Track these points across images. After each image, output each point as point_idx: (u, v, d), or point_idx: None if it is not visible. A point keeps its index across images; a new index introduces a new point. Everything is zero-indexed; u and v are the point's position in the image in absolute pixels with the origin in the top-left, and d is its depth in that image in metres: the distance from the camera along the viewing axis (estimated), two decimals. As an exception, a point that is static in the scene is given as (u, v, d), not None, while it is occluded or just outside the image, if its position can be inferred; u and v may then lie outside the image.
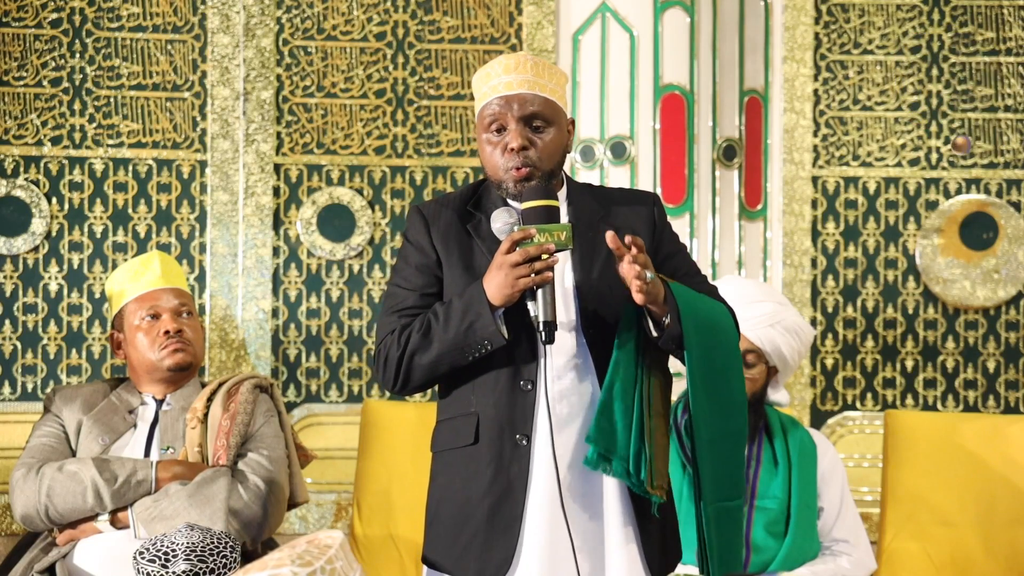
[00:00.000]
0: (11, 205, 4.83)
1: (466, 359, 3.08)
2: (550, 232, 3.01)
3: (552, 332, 3.01)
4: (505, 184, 3.14)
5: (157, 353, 4.05)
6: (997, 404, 5.10)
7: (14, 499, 3.91)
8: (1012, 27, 5.11)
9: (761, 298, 4.24)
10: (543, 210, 3.04)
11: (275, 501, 3.89)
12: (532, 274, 2.99)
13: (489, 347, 3.06)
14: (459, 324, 3.05)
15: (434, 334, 3.08)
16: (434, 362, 3.10)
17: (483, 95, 3.16)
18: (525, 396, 3.09)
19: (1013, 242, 5.10)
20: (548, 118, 3.14)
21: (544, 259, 3.00)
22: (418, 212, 3.23)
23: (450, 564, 3.13)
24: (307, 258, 4.94)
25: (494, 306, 3.03)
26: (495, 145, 3.14)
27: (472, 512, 3.10)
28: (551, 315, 3.00)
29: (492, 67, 3.16)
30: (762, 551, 4.08)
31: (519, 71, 3.13)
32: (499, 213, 3.11)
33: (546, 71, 3.16)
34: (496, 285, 3.02)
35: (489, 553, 3.07)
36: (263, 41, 4.90)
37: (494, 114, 3.13)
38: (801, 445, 4.18)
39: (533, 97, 3.13)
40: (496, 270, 3.02)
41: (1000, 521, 4.48)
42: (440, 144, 4.98)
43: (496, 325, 3.03)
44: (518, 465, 3.08)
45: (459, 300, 3.07)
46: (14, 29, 4.84)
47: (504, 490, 3.08)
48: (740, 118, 5.02)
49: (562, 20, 5.00)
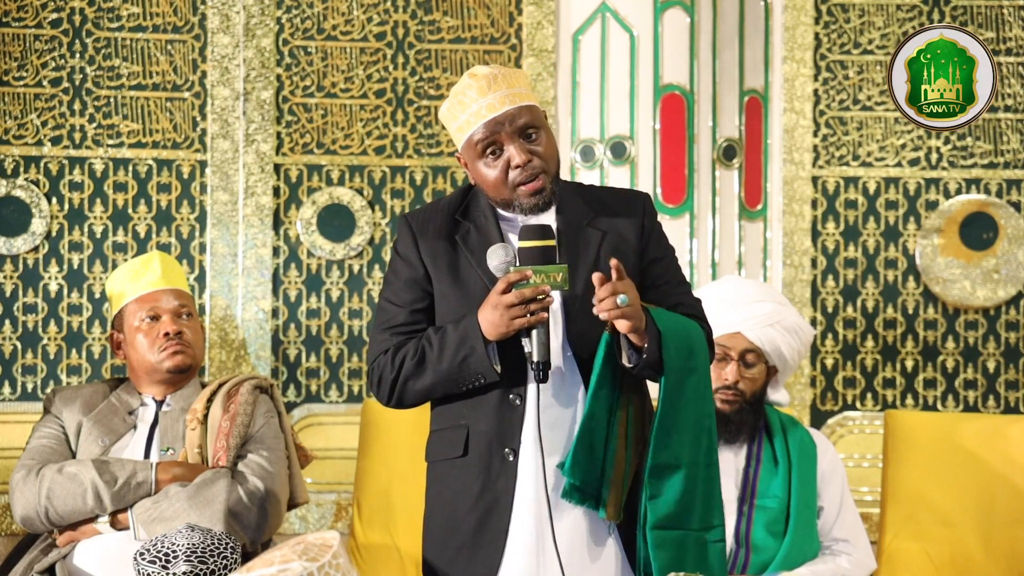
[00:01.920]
0: (11, 205, 4.83)
1: (459, 389, 3.12)
2: (546, 273, 3.02)
3: (546, 371, 3.03)
4: (517, 200, 3.14)
5: (157, 355, 4.04)
6: (997, 404, 5.10)
7: (14, 501, 3.91)
8: (1012, 27, 5.11)
9: (761, 298, 4.24)
10: (539, 251, 3.05)
11: (275, 502, 3.89)
12: (527, 315, 3.01)
13: (483, 380, 3.09)
14: (453, 356, 3.08)
15: (428, 363, 3.11)
16: (428, 389, 3.15)
17: (465, 124, 3.14)
18: (514, 410, 3.10)
19: (1013, 242, 5.10)
20: (536, 123, 3.15)
21: (540, 300, 3.01)
22: (406, 223, 3.23)
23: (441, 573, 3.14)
24: (307, 258, 4.94)
25: (488, 340, 3.05)
26: (495, 167, 3.13)
27: (460, 524, 3.12)
28: (545, 355, 3.03)
29: (464, 94, 3.14)
30: (762, 551, 4.08)
31: (494, 89, 3.12)
32: (495, 250, 3.10)
33: (514, 78, 3.16)
34: (491, 323, 3.04)
35: (474, 565, 3.10)
36: (263, 41, 4.90)
37: (485, 138, 3.12)
38: (801, 445, 4.18)
39: (518, 110, 3.13)
40: (491, 308, 3.03)
41: (1000, 521, 4.48)
42: (440, 144, 4.98)
43: (490, 361, 3.06)
44: (505, 479, 3.09)
45: (454, 331, 3.09)
46: (14, 29, 4.84)
47: (490, 504, 3.10)
48: (740, 118, 5.02)
49: (562, 20, 5.00)
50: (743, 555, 4.07)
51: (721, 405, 4.11)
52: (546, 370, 3.03)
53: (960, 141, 5.11)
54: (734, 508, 4.10)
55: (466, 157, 3.17)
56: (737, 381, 4.13)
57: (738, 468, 4.15)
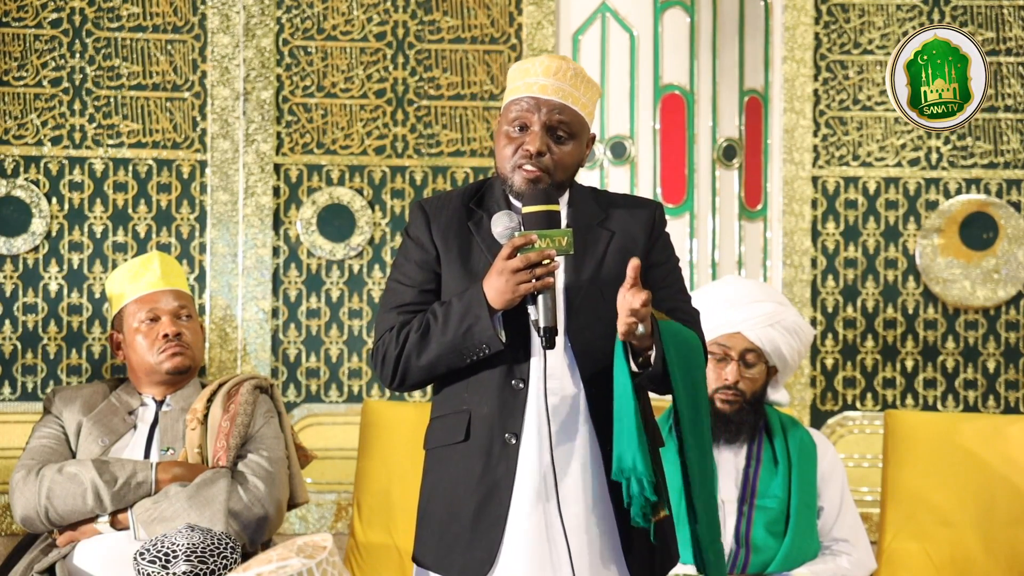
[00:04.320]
0: (11, 205, 4.83)
1: (464, 361, 3.09)
2: (551, 237, 3.02)
3: (553, 337, 3.01)
4: (511, 180, 3.14)
5: (156, 356, 4.05)
6: (997, 404, 5.10)
7: (14, 501, 3.92)
8: (1012, 27, 5.11)
9: (761, 298, 4.24)
10: (544, 215, 3.05)
11: (275, 502, 3.90)
12: (533, 280, 3.00)
13: (487, 351, 3.06)
14: (457, 327, 3.06)
15: (432, 335, 3.09)
16: (432, 363, 3.11)
17: (516, 89, 3.16)
18: (516, 395, 3.09)
19: (1013, 242, 5.10)
20: (572, 131, 3.14)
21: (545, 264, 3.01)
22: (420, 208, 3.23)
23: (437, 562, 3.14)
24: (307, 258, 4.94)
25: (493, 309, 3.04)
26: (513, 141, 3.14)
27: (459, 509, 3.11)
28: (552, 320, 3.01)
29: (533, 64, 3.15)
30: (762, 551, 4.08)
31: (557, 77, 3.13)
32: (500, 217, 3.10)
33: (582, 84, 3.15)
34: (496, 290, 3.02)
35: (472, 551, 3.09)
36: (263, 41, 4.90)
37: (520, 111, 3.13)
38: (801, 445, 4.18)
39: (563, 107, 3.13)
40: (497, 275, 3.02)
41: (1000, 521, 4.48)
42: (440, 144, 4.98)
43: (494, 329, 3.04)
44: (505, 464, 3.09)
45: (458, 302, 3.07)
46: (14, 29, 4.84)
47: (490, 488, 3.09)
48: (740, 118, 5.02)
49: (562, 20, 5.00)
50: (743, 555, 4.08)
51: (721, 405, 4.11)
52: (553, 336, 3.01)
53: (960, 141, 5.11)
54: (734, 508, 4.10)
55: (500, 119, 3.19)
56: (737, 381, 4.14)
57: (738, 468, 4.15)
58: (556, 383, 3.10)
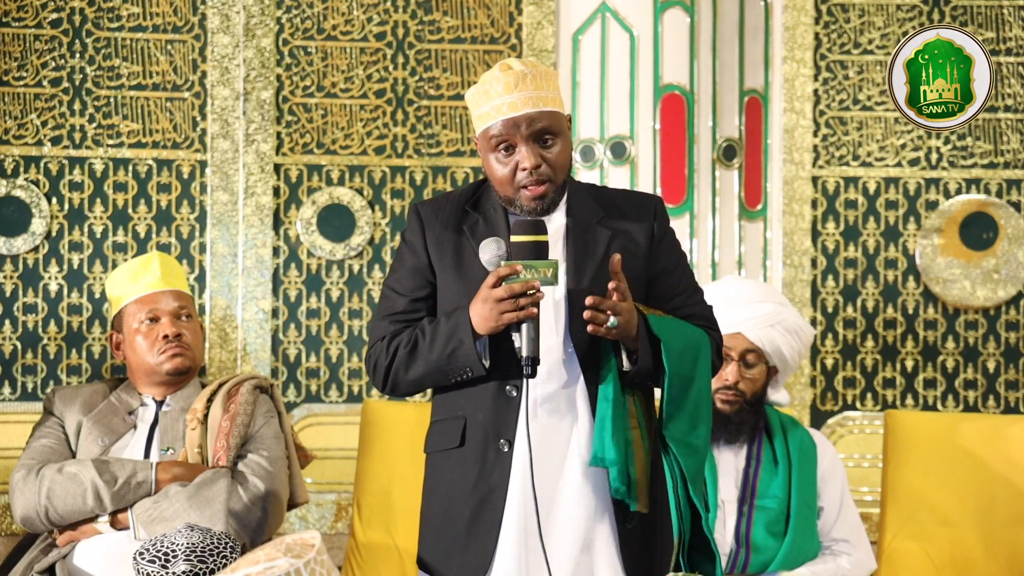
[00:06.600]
0: (11, 205, 4.83)
1: (449, 380, 3.13)
2: (536, 268, 3.03)
3: (534, 367, 3.03)
4: (519, 201, 3.14)
5: (155, 357, 4.04)
6: (997, 404, 5.10)
7: (14, 501, 3.91)
8: (1012, 27, 5.11)
9: (761, 298, 4.24)
10: (531, 246, 3.06)
11: (275, 502, 3.90)
12: (517, 309, 3.01)
13: (470, 373, 3.10)
14: (443, 349, 3.09)
15: (419, 353, 3.12)
16: (419, 378, 3.16)
17: (485, 115, 3.14)
18: (509, 401, 3.10)
19: (1013, 242, 5.10)
20: (555, 130, 3.14)
21: (529, 295, 3.01)
22: (416, 212, 3.25)
23: (436, 565, 3.15)
24: (307, 258, 4.94)
25: (478, 335, 3.06)
26: (505, 164, 3.14)
27: (456, 515, 3.13)
28: (534, 351, 3.03)
29: (491, 85, 3.13)
30: (762, 551, 4.08)
31: (520, 88, 3.11)
32: (488, 244, 3.10)
33: (542, 79, 3.14)
34: (481, 316, 3.05)
35: (468, 556, 3.10)
36: (263, 41, 4.90)
37: (501, 135, 3.12)
38: (801, 445, 4.18)
39: (539, 114, 3.12)
40: (482, 302, 3.04)
41: (1000, 521, 4.48)
42: (440, 144, 4.98)
43: (477, 355, 3.06)
44: (499, 470, 3.10)
45: (446, 323, 3.10)
46: (14, 29, 4.84)
47: (485, 495, 3.10)
48: (740, 118, 5.02)
49: (562, 20, 5.00)
50: (743, 555, 4.08)
51: (721, 405, 4.11)
52: (535, 366, 3.03)
53: (960, 141, 5.11)
54: (734, 508, 4.10)
55: (481, 146, 3.17)
56: (737, 381, 4.14)
57: (738, 468, 4.15)
58: (550, 389, 3.11)
